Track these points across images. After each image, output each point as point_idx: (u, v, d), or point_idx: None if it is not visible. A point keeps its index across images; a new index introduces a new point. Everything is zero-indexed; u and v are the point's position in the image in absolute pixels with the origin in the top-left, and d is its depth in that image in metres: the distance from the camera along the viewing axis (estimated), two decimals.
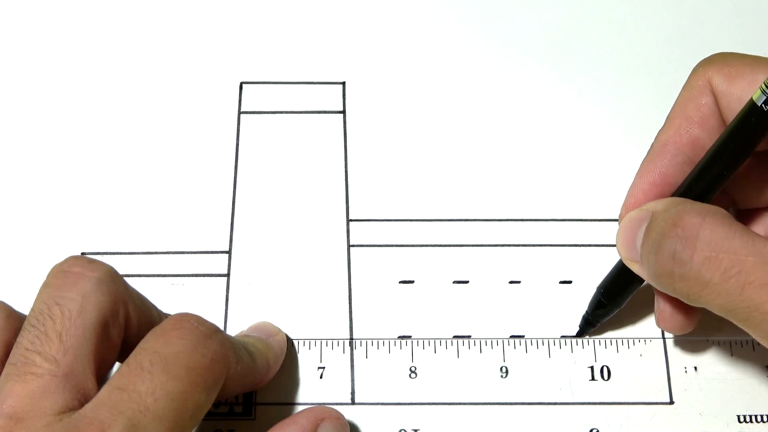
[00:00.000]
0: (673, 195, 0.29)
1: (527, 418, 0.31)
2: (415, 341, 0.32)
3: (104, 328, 0.25)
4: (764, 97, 0.26)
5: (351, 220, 0.34)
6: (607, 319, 0.32)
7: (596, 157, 0.35)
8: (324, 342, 0.32)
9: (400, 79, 0.37)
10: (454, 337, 0.32)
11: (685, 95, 0.30)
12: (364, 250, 0.34)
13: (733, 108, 0.28)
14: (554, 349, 0.32)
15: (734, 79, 0.28)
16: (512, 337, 0.32)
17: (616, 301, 0.31)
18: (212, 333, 0.25)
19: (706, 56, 0.30)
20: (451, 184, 0.35)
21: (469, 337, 0.32)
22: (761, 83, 0.26)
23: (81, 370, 0.24)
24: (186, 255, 0.33)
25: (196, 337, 0.25)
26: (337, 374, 0.31)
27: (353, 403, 0.31)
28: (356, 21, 0.38)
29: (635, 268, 0.29)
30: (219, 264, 0.33)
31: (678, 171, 0.29)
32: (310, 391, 0.31)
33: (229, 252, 0.34)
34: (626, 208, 0.30)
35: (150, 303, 0.28)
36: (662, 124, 0.30)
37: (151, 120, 0.36)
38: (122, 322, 0.26)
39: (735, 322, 0.25)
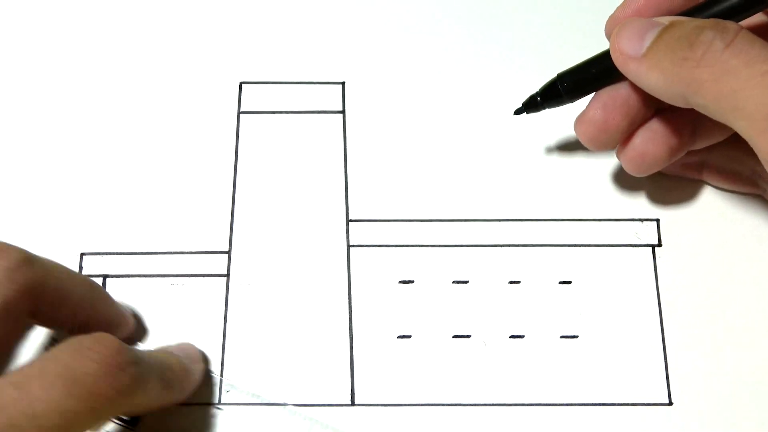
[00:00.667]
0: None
1: (527, 418, 0.31)
2: (415, 341, 0.32)
3: (5, 314, 0.25)
4: None
5: (351, 220, 0.34)
6: (551, 108, 0.32)
7: (596, 157, 0.35)
8: (323, 342, 0.32)
9: (400, 79, 0.37)
10: (454, 337, 0.32)
11: None
12: (364, 250, 0.34)
13: None
14: (554, 349, 0.32)
15: None
16: (512, 337, 0.32)
17: (572, 93, 0.31)
18: (128, 365, 0.24)
19: None
20: (451, 184, 0.35)
21: (469, 337, 0.32)
22: None
23: None
24: (186, 255, 0.33)
25: (110, 366, 0.24)
26: (337, 374, 0.31)
27: (353, 403, 0.31)
28: (356, 21, 0.38)
29: (630, 65, 0.28)
30: (219, 264, 0.33)
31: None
32: (310, 391, 0.31)
33: (228, 252, 0.34)
34: (624, 7, 0.30)
35: (75, 281, 0.28)
36: None
37: (150, 120, 0.36)
38: (30, 309, 0.26)
39: (730, 118, 0.26)
